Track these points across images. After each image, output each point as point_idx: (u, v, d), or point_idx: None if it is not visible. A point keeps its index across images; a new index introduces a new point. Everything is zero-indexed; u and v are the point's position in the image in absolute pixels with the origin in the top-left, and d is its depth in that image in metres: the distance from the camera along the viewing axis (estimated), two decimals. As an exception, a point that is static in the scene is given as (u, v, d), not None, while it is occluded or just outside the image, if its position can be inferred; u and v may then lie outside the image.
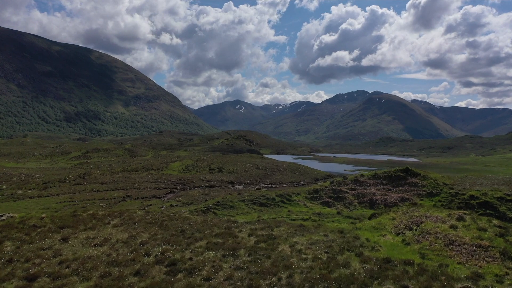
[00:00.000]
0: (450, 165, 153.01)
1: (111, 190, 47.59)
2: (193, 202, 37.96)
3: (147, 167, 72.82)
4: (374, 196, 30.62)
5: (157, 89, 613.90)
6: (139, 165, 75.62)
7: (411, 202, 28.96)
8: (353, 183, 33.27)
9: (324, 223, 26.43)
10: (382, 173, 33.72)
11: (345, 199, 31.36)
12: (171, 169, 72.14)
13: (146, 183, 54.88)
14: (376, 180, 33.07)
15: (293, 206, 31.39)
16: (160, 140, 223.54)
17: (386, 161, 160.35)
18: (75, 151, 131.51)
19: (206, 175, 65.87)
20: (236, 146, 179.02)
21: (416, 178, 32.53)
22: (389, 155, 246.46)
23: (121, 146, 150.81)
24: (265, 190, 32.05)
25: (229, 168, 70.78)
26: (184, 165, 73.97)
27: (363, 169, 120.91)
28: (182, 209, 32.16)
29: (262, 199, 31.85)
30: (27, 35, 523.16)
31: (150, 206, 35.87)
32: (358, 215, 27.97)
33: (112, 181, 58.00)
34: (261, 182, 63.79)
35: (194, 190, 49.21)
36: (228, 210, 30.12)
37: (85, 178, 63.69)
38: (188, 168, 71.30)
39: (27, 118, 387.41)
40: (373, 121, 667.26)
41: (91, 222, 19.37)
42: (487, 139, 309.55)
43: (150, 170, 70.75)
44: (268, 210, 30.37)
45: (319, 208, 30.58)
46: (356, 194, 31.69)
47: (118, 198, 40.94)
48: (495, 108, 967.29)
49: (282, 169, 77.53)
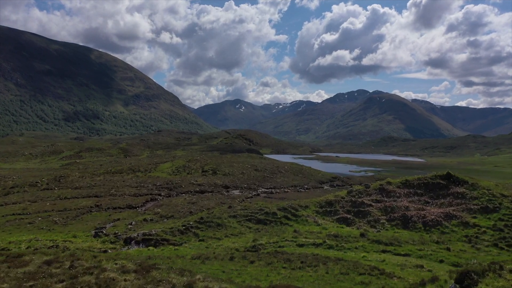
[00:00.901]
0: (457, 165, 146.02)
1: (81, 198, 40.06)
2: (173, 215, 30.39)
3: (134, 169, 65.18)
4: (407, 211, 22.97)
5: (156, 88, 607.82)
6: (124, 166, 67.96)
7: (461, 220, 21.40)
8: (378, 192, 25.42)
9: (346, 255, 18.68)
10: (416, 180, 25.86)
11: (369, 215, 23.70)
12: (160, 170, 64.48)
13: (127, 188, 47.26)
14: (408, 189, 25.28)
15: (300, 224, 23.78)
16: (158, 139, 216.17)
17: (391, 161, 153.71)
18: (67, 151, 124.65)
19: (198, 177, 58.22)
20: (235, 146, 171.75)
21: (462, 187, 24.69)
22: (392, 155, 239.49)
23: (116, 146, 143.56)
24: (263, 202, 24.39)
25: (225, 170, 63.08)
26: (175, 166, 66.27)
27: (368, 169, 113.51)
28: (155, 227, 24.52)
29: (260, 214, 24.21)
30: (25, 33, 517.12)
31: (118, 221, 28.34)
32: (391, 239, 20.38)
33: (88, 185, 50.43)
34: (260, 186, 56.15)
35: (180, 197, 41.54)
36: (214, 229, 22.58)
37: (60, 181, 56.20)
38: (178, 170, 63.61)
39: (25, 117, 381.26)
40: (373, 120, 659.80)
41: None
42: (491, 139, 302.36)
43: (137, 172, 63.13)
44: (268, 230, 22.77)
45: (335, 226, 22.99)
46: (383, 208, 24.02)
47: (83, 208, 33.44)
48: (496, 107, 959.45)
49: (284, 170, 69.85)
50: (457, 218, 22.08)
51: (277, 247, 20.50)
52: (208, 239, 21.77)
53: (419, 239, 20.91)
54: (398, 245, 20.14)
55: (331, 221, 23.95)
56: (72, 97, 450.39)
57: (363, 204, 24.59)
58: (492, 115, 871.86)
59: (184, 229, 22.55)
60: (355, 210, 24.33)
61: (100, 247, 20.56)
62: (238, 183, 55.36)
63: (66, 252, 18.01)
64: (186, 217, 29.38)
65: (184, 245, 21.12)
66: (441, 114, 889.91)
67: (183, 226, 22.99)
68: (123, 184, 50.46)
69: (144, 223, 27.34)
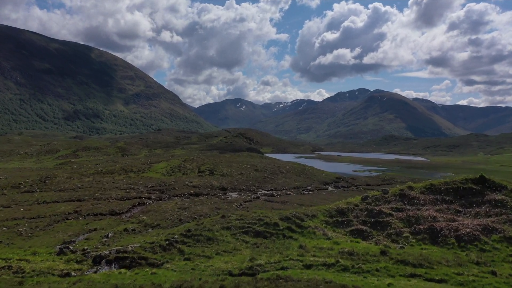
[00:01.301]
0: (462, 165, 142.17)
1: (61, 202, 36.16)
2: (159, 224, 26.53)
3: (126, 169, 61.23)
4: (435, 223, 18.99)
5: (157, 87, 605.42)
6: (116, 166, 64.01)
7: (503, 234, 17.44)
8: (398, 199, 21.31)
9: (367, 281, 14.75)
10: (443, 185, 21.77)
11: (389, 226, 19.68)
12: (154, 171, 60.51)
13: (115, 190, 43.32)
14: (433, 195, 21.20)
15: (306, 237, 19.86)
16: (157, 138, 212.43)
17: (394, 160, 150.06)
18: (64, 150, 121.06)
19: (193, 178, 54.23)
20: (235, 145, 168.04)
21: (500, 193, 20.60)
22: (394, 154, 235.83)
23: (113, 144, 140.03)
24: (263, 211, 20.40)
25: (222, 170, 59.06)
26: (170, 166, 62.26)
27: (372, 169, 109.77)
28: (134, 241, 20.58)
29: (259, 225, 20.22)
30: (25, 32, 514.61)
31: (94, 231, 24.42)
32: (419, 259, 16.44)
33: (74, 187, 46.53)
34: (260, 188, 52.19)
35: (171, 201, 37.58)
36: (203, 245, 18.69)
37: (45, 182, 52.32)
38: (173, 170, 59.62)
39: (24, 116, 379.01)
40: (374, 119, 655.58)
41: None
42: (493, 138, 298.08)
43: (129, 172, 59.15)
44: (268, 245, 18.85)
45: (349, 241, 19.03)
46: (405, 218, 20.00)
47: (59, 215, 29.56)
48: (497, 106, 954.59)
49: (285, 170, 65.84)
50: (498, 231, 18.12)
51: (279, 269, 16.53)
52: (196, 258, 17.80)
53: (454, 259, 16.91)
54: (430, 266, 16.14)
55: (344, 233, 19.99)
56: (72, 96, 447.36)
57: (381, 213, 20.61)
58: (494, 114, 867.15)
59: (168, 245, 18.68)
60: (372, 220, 20.34)
61: (62, 269, 16.63)
62: (236, 184, 51.39)
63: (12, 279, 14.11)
64: (174, 227, 25.44)
65: (166, 265, 17.16)
66: (442, 113, 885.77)
67: (167, 240, 19.10)
68: (111, 186, 46.53)
69: (124, 234, 23.44)
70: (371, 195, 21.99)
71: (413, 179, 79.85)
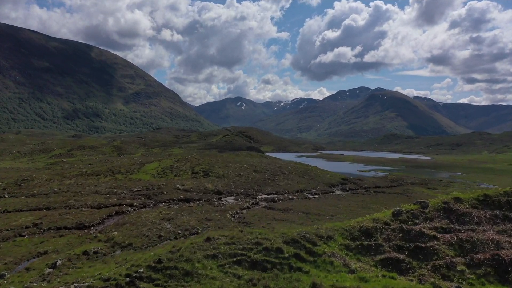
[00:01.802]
0: (469, 164, 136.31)
1: (25, 211, 30.71)
2: (132, 243, 20.95)
3: (114, 170, 55.73)
4: (501, 251, 13.49)
5: (157, 86, 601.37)
6: (103, 167, 58.50)
7: None
8: (442, 216, 15.58)
9: None
10: (502, 196, 16.03)
11: (434, 255, 14.13)
12: (143, 172, 54.97)
13: (93, 195, 37.82)
14: (490, 210, 15.56)
15: (321, 269, 14.36)
16: (155, 137, 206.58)
17: (398, 159, 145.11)
18: (58, 149, 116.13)
19: (186, 180, 48.69)
20: (235, 143, 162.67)
21: None
22: (397, 153, 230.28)
23: (110, 144, 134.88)
24: (262, 230, 14.76)
25: (219, 171, 53.47)
26: (161, 167, 56.68)
27: (377, 168, 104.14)
28: (88, 274, 15.07)
29: (256, 252, 14.64)
30: (24, 30, 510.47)
31: (43, 255, 18.95)
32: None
33: (49, 191, 41.03)
34: (259, 191, 46.73)
35: (155, 209, 31.94)
36: (178, 282, 13.16)
37: (21, 185, 46.89)
38: (164, 171, 54.03)
39: (23, 114, 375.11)
40: (375, 118, 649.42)
41: None
42: (496, 136, 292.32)
43: (116, 174, 53.66)
44: (269, 282, 13.35)
45: (381, 276, 13.51)
46: (456, 243, 14.39)
47: (14, 229, 24.13)
48: (498, 104, 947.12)
49: (287, 171, 60.28)
50: None
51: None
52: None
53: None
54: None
55: (372, 264, 14.45)
56: (71, 94, 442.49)
57: (421, 235, 14.98)
58: (495, 112, 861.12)
59: (128, 283, 13.24)
60: (410, 246, 14.75)
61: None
62: (233, 187, 45.86)
63: None
64: (150, 247, 19.91)
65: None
66: (443, 111, 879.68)
67: (127, 276, 13.66)
68: (92, 190, 41.00)
69: (80, 260, 17.91)
70: (405, 209, 16.38)
71: (423, 180, 74.15)
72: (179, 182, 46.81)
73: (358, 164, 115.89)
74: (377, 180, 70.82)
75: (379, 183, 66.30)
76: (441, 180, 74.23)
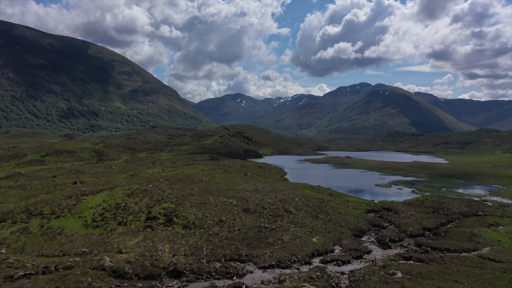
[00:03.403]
0: (495, 170, 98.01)
1: None
2: None
3: (35, 208, 37.48)
4: None
5: (155, 83, 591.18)
6: (18, 205, 39.81)
7: None
8: None
9: None
10: None
11: None
12: (78, 213, 37.20)
13: None
14: None
15: None
16: (147, 137, 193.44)
17: (413, 164, 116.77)
18: (31, 154, 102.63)
19: (131, 238, 30.66)
20: (231, 146, 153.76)
21: None
22: (403, 152, 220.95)
23: (89, 148, 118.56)
24: None
25: (189, 215, 35.95)
26: (106, 204, 39.31)
27: (397, 180, 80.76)
28: None
29: None
30: (18, 26, 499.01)
31: None
32: None
33: None
34: (249, 259, 26.43)
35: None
36: None
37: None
38: (104, 217, 35.79)
39: (16, 113, 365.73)
40: (377, 114, 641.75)
41: None
42: (506, 133, 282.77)
43: (33, 217, 35.27)
44: None
45: None
46: None
47: None
48: (500, 100, 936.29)
49: (293, 208, 41.50)
50: None
51: None
52: None
53: None
54: None
55: None
56: (67, 92, 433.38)
57: None
58: (497, 108, 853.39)
59: None
60: None
61: None
62: (204, 255, 26.39)
63: None
64: None
65: None
66: (445, 107, 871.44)
67: None
68: None
69: None
70: None
71: (469, 204, 50.16)
72: (116, 245, 28.91)
73: (372, 173, 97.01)
74: (413, 209, 46.69)
75: (421, 218, 41.95)
76: (487, 202, 54.17)
